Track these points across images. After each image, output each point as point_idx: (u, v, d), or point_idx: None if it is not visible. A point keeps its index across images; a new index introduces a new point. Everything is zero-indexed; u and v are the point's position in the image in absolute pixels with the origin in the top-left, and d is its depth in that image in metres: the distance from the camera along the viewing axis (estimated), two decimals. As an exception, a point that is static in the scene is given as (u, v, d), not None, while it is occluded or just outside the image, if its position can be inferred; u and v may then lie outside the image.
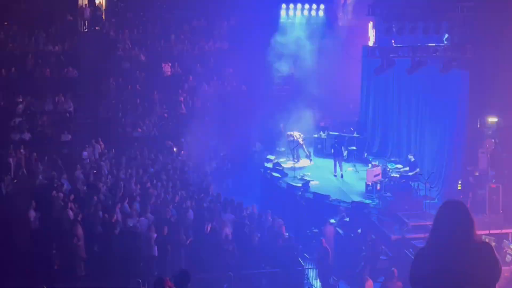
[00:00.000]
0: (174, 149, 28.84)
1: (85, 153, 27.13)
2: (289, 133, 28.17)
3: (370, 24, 25.74)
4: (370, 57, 21.95)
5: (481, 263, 4.73)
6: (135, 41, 34.28)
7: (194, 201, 21.80)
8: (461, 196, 21.23)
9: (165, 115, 31.73)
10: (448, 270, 4.70)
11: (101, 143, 27.97)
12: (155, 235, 18.66)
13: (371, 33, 24.78)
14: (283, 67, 31.28)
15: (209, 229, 19.28)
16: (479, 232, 4.92)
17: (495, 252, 4.84)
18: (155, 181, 24.05)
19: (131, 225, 19.45)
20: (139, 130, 30.47)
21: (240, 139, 30.08)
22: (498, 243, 18.33)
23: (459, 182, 22.11)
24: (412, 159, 23.63)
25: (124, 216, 20.02)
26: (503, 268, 4.86)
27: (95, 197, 21.49)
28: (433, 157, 24.10)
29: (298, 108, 29.30)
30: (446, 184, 22.73)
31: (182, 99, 32.37)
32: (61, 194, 21.61)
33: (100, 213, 20.23)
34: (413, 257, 5.04)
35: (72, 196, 21.52)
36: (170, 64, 33.46)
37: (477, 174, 21.96)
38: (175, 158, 27.72)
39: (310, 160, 28.29)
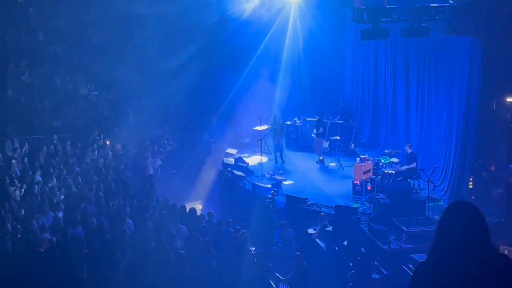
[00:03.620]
0: (107, 142, 28.70)
1: (-10, 149, 26.88)
2: (277, 113, 28.30)
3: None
4: (357, 21, 22.03)
5: (498, 280, 4.75)
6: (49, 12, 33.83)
7: (134, 209, 21.74)
8: (472, 197, 21.54)
9: (94, 99, 31.51)
10: (456, 290, 4.76)
11: (12, 136, 27.73)
12: (86, 250, 18.59)
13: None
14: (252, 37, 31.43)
15: (153, 244, 19.25)
16: (495, 242, 4.96)
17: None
18: (82, 183, 23.92)
19: (53, 240, 19.30)
20: (60, 119, 30.26)
21: (193, 128, 30.06)
22: (520, 255, 18.64)
23: (471, 179, 22.39)
24: (409, 151, 23.83)
25: (43, 229, 19.87)
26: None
27: (6, 206, 21.31)
28: (437, 148, 24.35)
29: (268, 89, 29.47)
30: (455, 182, 22.97)
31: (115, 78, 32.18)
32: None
33: (11, 225, 20.05)
34: (412, 274, 5.11)
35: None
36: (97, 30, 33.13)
37: (493, 168, 22.25)
38: (108, 153, 27.58)
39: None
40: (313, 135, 28.26)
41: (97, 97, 31.64)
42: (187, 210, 21.74)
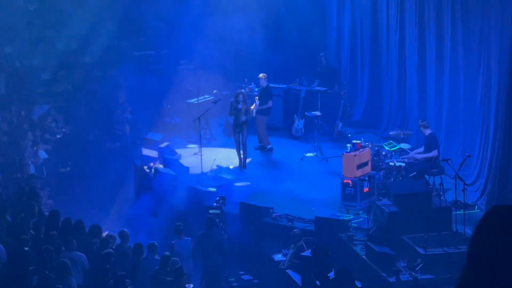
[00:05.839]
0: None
1: None
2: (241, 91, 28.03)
3: None
4: None
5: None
6: None
7: (5, 228, 21.62)
8: (523, 201, 21.74)
9: None
10: None
11: None
12: None
13: None
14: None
15: (36, 280, 19.17)
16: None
17: None
18: None
19: None
20: None
21: (94, 103, 29.97)
22: None
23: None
24: (427, 132, 23.90)
25: None
26: None
27: None
28: (469, 128, 24.48)
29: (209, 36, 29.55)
30: (495, 178, 23.12)
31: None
32: None
33: None
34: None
35: None
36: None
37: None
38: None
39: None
40: (251, 107, 27.59)
41: None
42: (87, 228, 21.63)
